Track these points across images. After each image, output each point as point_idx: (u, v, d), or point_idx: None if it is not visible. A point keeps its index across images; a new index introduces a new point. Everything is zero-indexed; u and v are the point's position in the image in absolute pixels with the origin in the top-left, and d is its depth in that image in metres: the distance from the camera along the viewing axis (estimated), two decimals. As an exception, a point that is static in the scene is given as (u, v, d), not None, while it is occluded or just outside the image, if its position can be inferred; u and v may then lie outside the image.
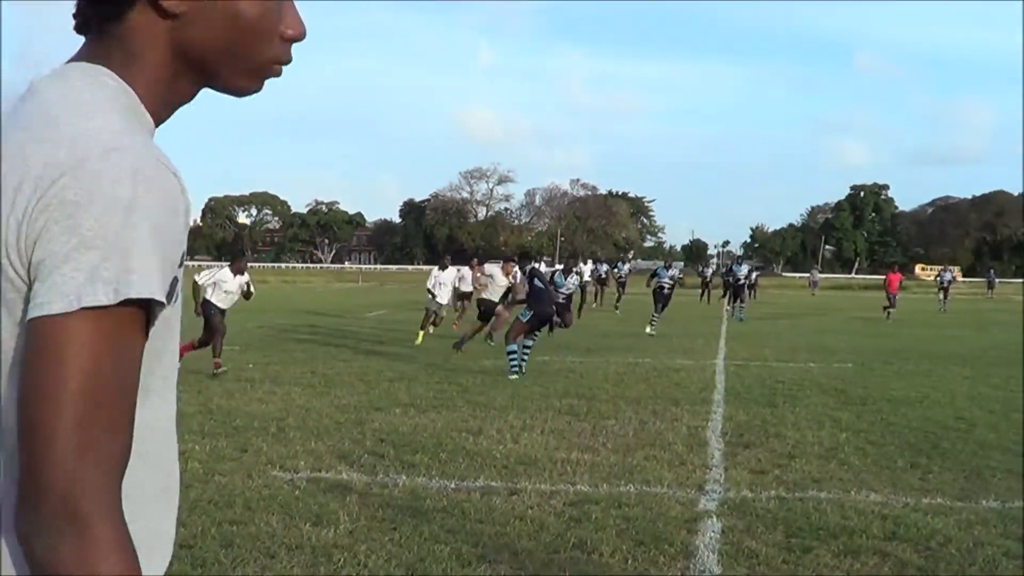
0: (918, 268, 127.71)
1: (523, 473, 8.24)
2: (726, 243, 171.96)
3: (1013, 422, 11.24)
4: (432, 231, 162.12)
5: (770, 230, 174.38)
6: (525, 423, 10.61)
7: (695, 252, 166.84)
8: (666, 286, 26.03)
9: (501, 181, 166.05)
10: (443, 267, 22.78)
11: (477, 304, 20.92)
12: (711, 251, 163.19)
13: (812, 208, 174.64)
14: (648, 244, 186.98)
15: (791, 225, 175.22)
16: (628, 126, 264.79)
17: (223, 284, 14.49)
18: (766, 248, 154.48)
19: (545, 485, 7.83)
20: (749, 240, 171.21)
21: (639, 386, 13.85)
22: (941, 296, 44.88)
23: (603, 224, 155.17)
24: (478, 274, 22.50)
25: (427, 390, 13.11)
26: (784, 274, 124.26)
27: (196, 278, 14.42)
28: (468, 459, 8.73)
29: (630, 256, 64.38)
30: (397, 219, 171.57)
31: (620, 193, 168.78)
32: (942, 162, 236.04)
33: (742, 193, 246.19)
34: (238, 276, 14.62)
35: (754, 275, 42.00)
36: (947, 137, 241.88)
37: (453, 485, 7.78)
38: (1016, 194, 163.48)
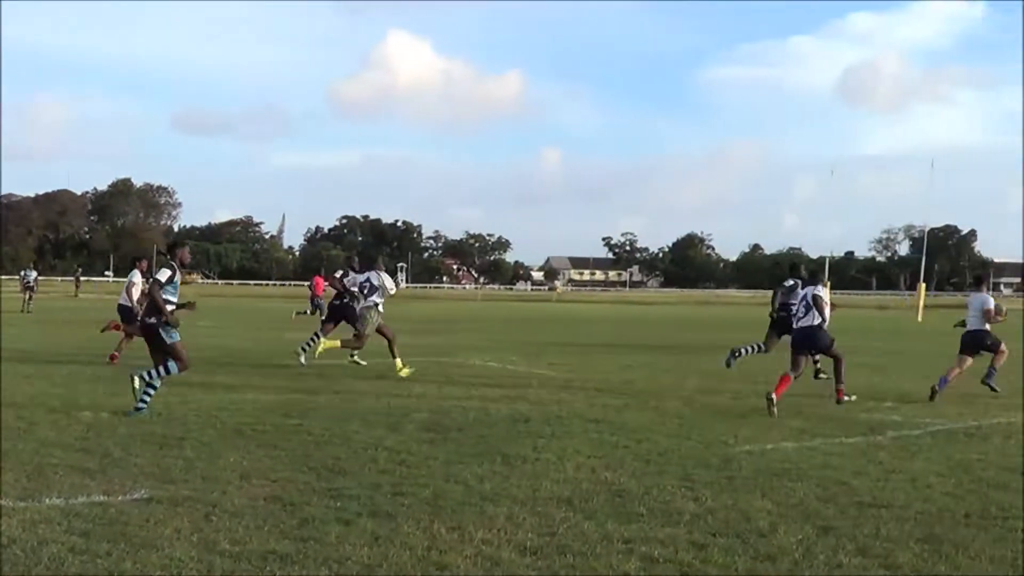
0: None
1: None
2: None
3: (75, 419, 11.28)
4: None
5: None
6: None
7: None
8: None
9: None
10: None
11: None
12: None
13: None
14: None
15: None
16: None
17: None
18: None
19: None
20: None
21: None
22: (27, 296, 43.55)
23: None
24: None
25: None
26: None
27: None
28: None
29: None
30: None
31: None
32: (8, 159, 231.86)
33: None
34: None
35: None
36: (15, 136, 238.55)
37: None
38: (79, 193, 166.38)
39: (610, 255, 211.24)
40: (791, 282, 17.05)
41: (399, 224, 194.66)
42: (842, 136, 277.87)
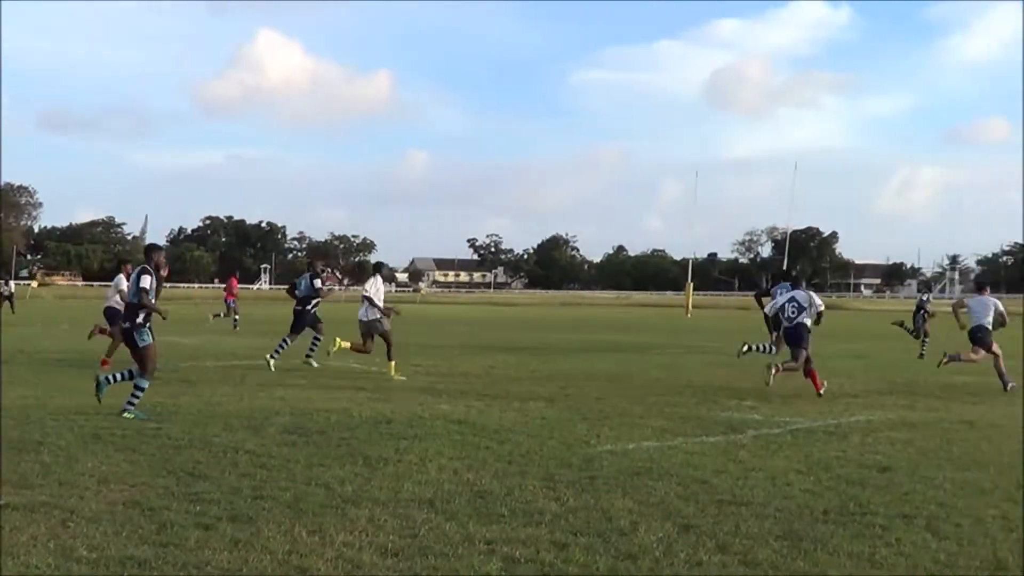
0: None
1: None
2: None
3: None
4: None
5: None
6: None
7: None
8: None
9: None
10: None
11: None
12: None
13: None
14: None
15: None
16: None
17: None
18: None
19: None
20: None
21: None
22: None
23: None
24: None
25: None
26: None
27: None
28: None
29: None
30: None
31: None
32: None
33: None
34: None
35: None
36: None
37: None
38: None
39: (475, 256, 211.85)
40: (781, 291, 18.90)
41: (263, 225, 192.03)
42: (707, 140, 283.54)
